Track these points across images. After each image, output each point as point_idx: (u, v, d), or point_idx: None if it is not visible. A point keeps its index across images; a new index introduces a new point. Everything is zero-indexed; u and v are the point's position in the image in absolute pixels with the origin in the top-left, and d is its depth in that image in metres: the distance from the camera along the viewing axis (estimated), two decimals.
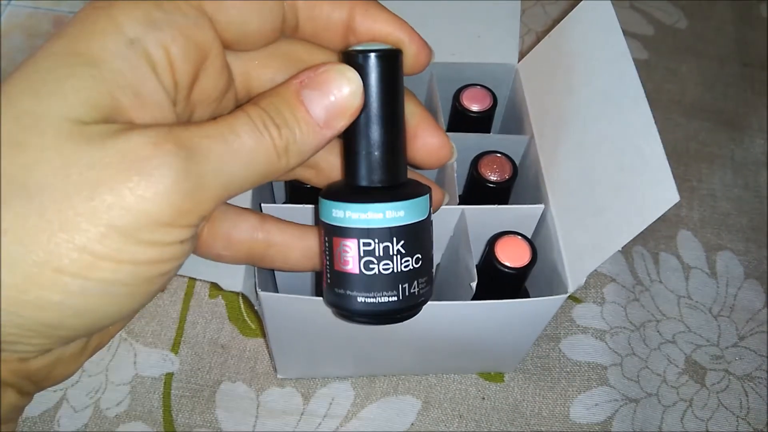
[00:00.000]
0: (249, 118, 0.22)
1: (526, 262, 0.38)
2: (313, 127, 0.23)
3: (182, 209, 0.20)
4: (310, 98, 0.23)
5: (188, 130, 0.21)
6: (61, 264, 0.19)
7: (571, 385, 0.49)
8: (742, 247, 0.57)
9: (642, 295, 0.54)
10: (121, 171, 0.19)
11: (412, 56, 0.27)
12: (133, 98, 0.21)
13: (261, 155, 0.22)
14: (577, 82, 0.40)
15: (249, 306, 0.51)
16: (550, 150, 0.42)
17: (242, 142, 0.22)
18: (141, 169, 0.19)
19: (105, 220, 0.19)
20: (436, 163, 0.30)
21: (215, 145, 0.21)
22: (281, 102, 0.23)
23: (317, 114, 0.23)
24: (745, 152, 0.64)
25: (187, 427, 0.46)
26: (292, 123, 0.23)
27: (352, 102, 0.24)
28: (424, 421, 0.47)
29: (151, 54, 0.21)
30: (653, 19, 0.73)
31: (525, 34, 0.69)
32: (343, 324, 0.39)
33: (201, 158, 0.21)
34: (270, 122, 0.22)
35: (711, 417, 0.49)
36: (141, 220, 0.20)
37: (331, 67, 0.24)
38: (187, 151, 0.20)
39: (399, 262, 0.27)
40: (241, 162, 0.22)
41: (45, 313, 0.20)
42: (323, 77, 0.23)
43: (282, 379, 0.48)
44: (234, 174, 0.22)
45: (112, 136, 0.20)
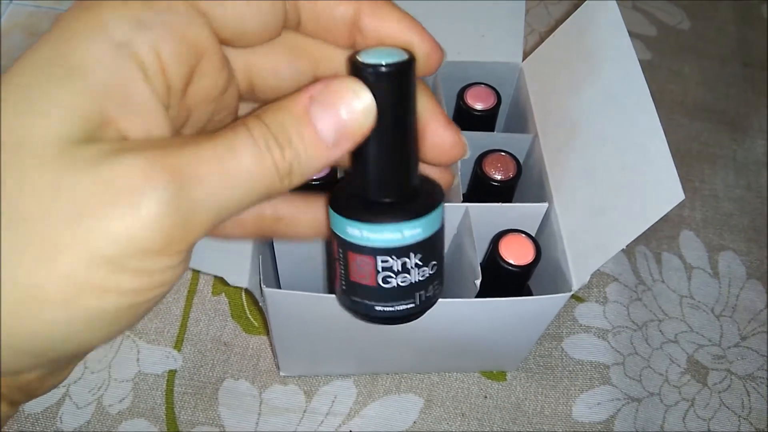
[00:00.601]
0: (250, 136, 0.21)
1: (530, 260, 0.38)
2: (321, 147, 0.22)
3: (171, 238, 0.19)
4: (318, 115, 0.21)
5: (182, 154, 0.19)
6: (47, 294, 0.18)
7: (574, 384, 0.49)
8: (744, 248, 0.57)
9: (644, 294, 0.54)
10: (108, 200, 0.18)
11: (423, 58, 0.25)
12: (122, 107, 0.20)
13: (261, 177, 0.21)
14: (582, 80, 0.40)
15: (252, 303, 0.51)
16: (555, 149, 0.42)
17: (241, 164, 0.20)
18: (128, 199, 0.18)
19: (90, 249, 0.18)
20: (448, 161, 0.28)
21: (211, 170, 0.20)
22: (288, 118, 0.21)
23: (326, 133, 0.22)
24: (747, 153, 0.64)
25: (190, 424, 0.46)
26: (297, 142, 0.21)
27: (364, 122, 0.22)
28: (426, 419, 0.47)
29: (141, 58, 0.20)
30: (656, 19, 0.73)
31: (528, 34, 0.69)
32: (346, 321, 0.39)
33: (194, 186, 0.19)
34: (273, 141, 0.21)
35: (713, 417, 0.49)
36: (127, 250, 0.19)
37: (342, 83, 0.22)
38: (180, 179, 0.19)
39: (417, 274, 0.27)
40: (239, 185, 0.20)
41: (33, 341, 0.19)
42: (334, 93, 0.22)
43: (285, 377, 0.48)
44: (230, 198, 0.21)
45: (99, 162, 0.18)
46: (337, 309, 0.38)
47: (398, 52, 0.23)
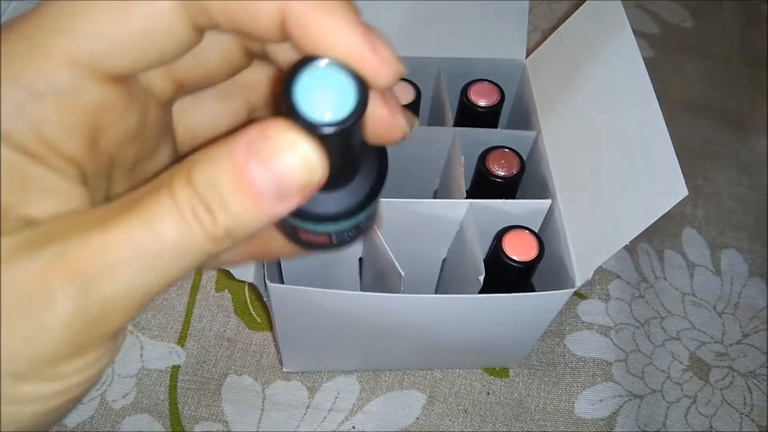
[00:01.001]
0: (173, 204, 0.17)
1: (534, 257, 0.38)
2: (261, 205, 0.18)
3: (83, 341, 0.17)
4: (255, 169, 0.17)
5: (87, 244, 0.17)
6: None
7: (576, 380, 0.49)
8: (746, 246, 0.57)
9: (647, 291, 0.54)
10: (6, 315, 0.16)
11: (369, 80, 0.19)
12: (18, 193, 0.18)
13: (189, 249, 0.18)
14: (586, 77, 0.40)
15: (255, 299, 0.51)
16: (558, 145, 0.42)
17: (163, 241, 0.17)
18: (24, 312, 0.16)
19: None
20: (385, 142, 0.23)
21: (123, 257, 0.17)
22: (220, 175, 0.17)
23: (265, 190, 0.18)
24: (750, 151, 0.64)
25: (193, 419, 0.46)
26: (232, 203, 0.17)
27: (310, 180, 0.18)
28: (429, 415, 0.47)
29: (25, 146, 0.18)
30: (659, 18, 0.73)
31: (531, 32, 0.69)
32: (349, 317, 0.39)
33: (103, 281, 0.17)
34: (202, 208, 0.17)
35: (715, 413, 0.49)
36: (35, 363, 0.17)
37: (282, 137, 0.18)
38: (82, 280, 0.17)
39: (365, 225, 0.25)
40: (161, 264, 0.17)
41: None
42: (273, 148, 0.18)
43: (288, 373, 0.48)
44: (152, 280, 0.18)
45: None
46: (341, 305, 0.38)
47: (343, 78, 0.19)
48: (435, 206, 0.40)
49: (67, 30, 0.18)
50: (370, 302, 0.37)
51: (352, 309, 0.38)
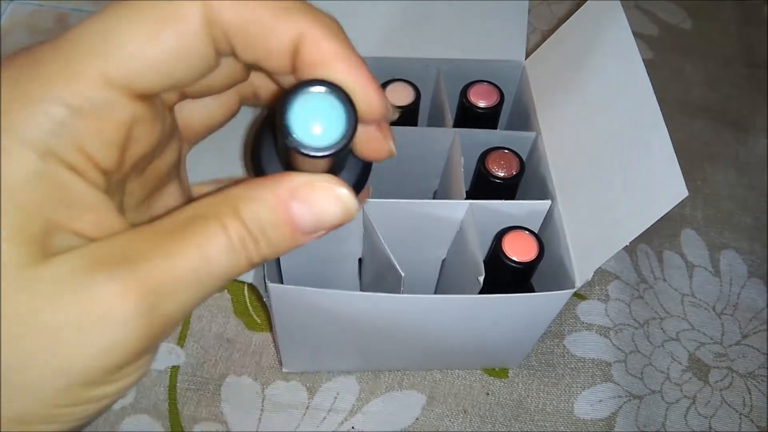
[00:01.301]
0: (226, 237, 0.20)
1: (533, 257, 0.38)
2: (296, 236, 0.22)
3: (144, 349, 0.20)
4: (298, 210, 0.21)
5: (153, 269, 0.19)
6: (31, 418, 0.19)
7: (576, 381, 0.49)
8: (745, 246, 0.57)
9: (646, 292, 0.54)
10: (78, 329, 0.18)
11: (364, 109, 0.22)
12: (65, 210, 0.19)
13: (234, 271, 0.21)
14: (585, 78, 0.40)
15: (255, 300, 0.52)
16: (557, 146, 0.42)
17: (214, 269, 0.20)
18: (99, 328, 0.18)
19: (67, 377, 0.19)
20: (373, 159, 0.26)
21: (185, 284, 0.20)
22: (266, 212, 0.21)
23: (304, 225, 0.21)
24: (749, 152, 0.64)
25: (193, 420, 0.46)
26: (274, 237, 0.21)
27: (343, 220, 0.22)
28: (428, 416, 0.47)
29: (67, 160, 0.19)
30: (658, 19, 0.74)
31: (531, 33, 0.69)
32: (350, 318, 0.39)
33: (166, 303, 0.19)
34: (251, 241, 0.21)
35: (714, 414, 0.49)
36: (102, 371, 0.19)
37: (327, 186, 0.21)
38: (151, 301, 0.19)
39: None
40: (211, 286, 0.20)
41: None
42: (316, 194, 0.21)
43: (287, 373, 0.48)
44: (201, 297, 0.21)
45: (64, 289, 0.18)
46: (341, 305, 0.38)
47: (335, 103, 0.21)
48: (435, 207, 0.40)
49: (101, 52, 0.19)
50: (370, 302, 0.37)
51: (351, 309, 0.38)
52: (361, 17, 0.45)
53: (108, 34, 0.19)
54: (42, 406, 0.19)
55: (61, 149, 0.19)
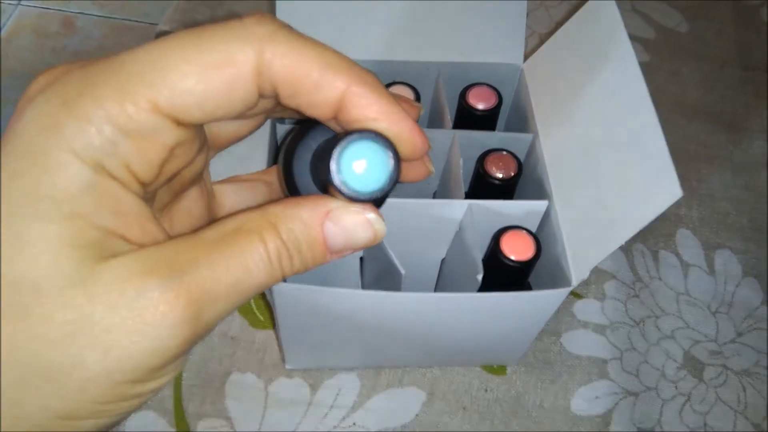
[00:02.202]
0: (265, 252, 0.22)
1: (531, 256, 0.39)
2: (326, 255, 0.24)
3: (185, 350, 0.21)
4: (332, 232, 0.23)
5: (198, 277, 0.21)
6: (75, 414, 0.20)
7: (572, 378, 0.50)
8: (740, 246, 0.58)
9: (642, 291, 0.55)
10: (129, 331, 0.20)
11: (407, 151, 0.25)
12: (115, 219, 0.21)
13: (269, 283, 0.23)
14: (582, 81, 0.41)
15: (258, 298, 0.52)
16: (555, 148, 0.43)
17: (252, 280, 0.22)
18: (148, 331, 0.20)
19: (113, 375, 0.20)
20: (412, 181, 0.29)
21: (223, 291, 0.21)
22: (302, 231, 0.23)
23: (334, 246, 0.24)
24: (745, 154, 0.65)
25: (198, 416, 0.47)
26: (306, 254, 0.23)
27: (373, 243, 0.24)
28: (428, 412, 0.48)
29: (115, 174, 0.20)
30: (654, 22, 0.74)
31: (529, 36, 0.70)
32: (352, 316, 0.40)
33: (209, 310, 0.21)
34: (287, 256, 0.22)
35: (709, 411, 0.50)
36: (147, 370, 0.20)
37: (360, 212, 0.23)
38: (198, 305, 0.20)
39: None
40: (248, 296, 0.22)
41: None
42: (350, 220, 0.23)
43: (290, 370, 0.49)
44: (238, 305, 0.22)
45: (118, 291, 0.20)
46: (343, 303, 0.39)
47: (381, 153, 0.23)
48: (434, 207, 0.41)
49: (154, 82, 0.20)
50: (371, 300, 0.38)
51: (353, 307, 0.39)
52: (362, 20, 0.45)
53: (162, 66, 0.21)
54: (91, 403, 0.20)
55: (109, 164, 0.20)
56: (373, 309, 0.39)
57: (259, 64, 0.22)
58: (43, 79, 0.21)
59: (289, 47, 0.22)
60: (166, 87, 0.21)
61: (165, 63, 0.21)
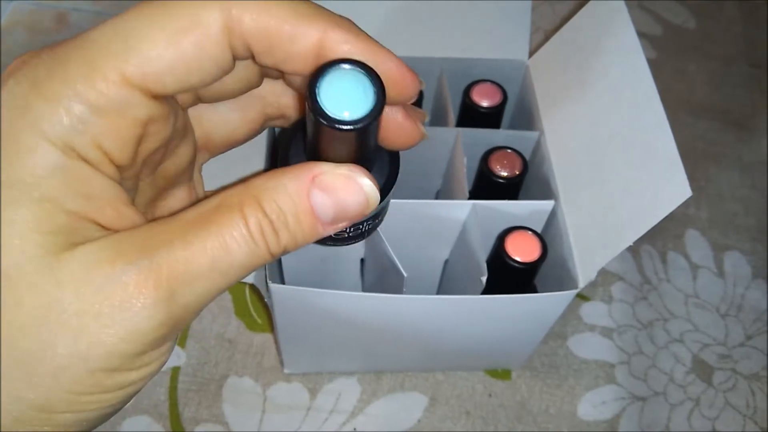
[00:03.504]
0: (244, 225, 0.20)
1: (537, 257, 0.38)
2: (317, 227, 0.22)
3: (164, 336, 0.20)
4: (319, 199, 0.21)
5: (172, 258, 0.19)
6: (52, 405, 0.19)
7: (579, 383, 0.49)
8: (749, 247, 0.57)
9: (650, 293, 0.54)
10: (100, 316, 0.19)
11: (396, 86, 0.23)
12: (87, 203, 0.20)
13: (253, 264, 0.21)
14: (589, 77, 0.40)
15: (256, 300, 0.51)
16: (561, 146, 0.42)
17: (233, 259, 0.20)
18: (120, 315, 0.19)
19: (88, 362, 0.19)
20: (404, 147, 0.26)
21: (201, 270, 0.20)
22: (287, 202, 0.21)
23: (324, 217, 0.21)
24: (753, 153, 0.64)
25: (194, 421, 0.46)
26: (295, 230, 0.21)
27: (365, 212, 0.22)
28: (430, 417, 0.47)
29: (86, 155, 0.20)
30: (661, 18, 0.73)
31: (533, 33, 0.69)
32: (351, 319, 0.39)
33: (184, 292, 0.20)
34: (270, 230, 0.21)
35: (718, 416, 0.49)
36: (123, 356, 0.20)
37: (346, 173, 0.21)
38: (171, 290, 0.19)
39: (367, 224, 0.28)
40: (231, 277, 0.21)
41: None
42: (338, 181, 0.21)
43: (289, 374, 0.48)
44: (221, 287, 0.21)
45: (87, 277, 0.19)
46: (343, 306, 0.38)
47: (363, 81, 0.21)
48: (437, 207, 0.40)
49: (121, 53, 0.20)
50: (372, 303, 0.37)
51: (353, 310, 0.38)
52: (364, 16, 0.44)
53: (129, 36, 0.20)
54: (65, 393, 0.19)
55: (79, 145, 0.19)
56: (374, 312, 0.38)
57: (227, 21, 0.21)
58: (15, 64, 0.20)
59: (257, 2, 0.21)
60: (135, 57, 0.20)
61: (132, 33, 0.20)
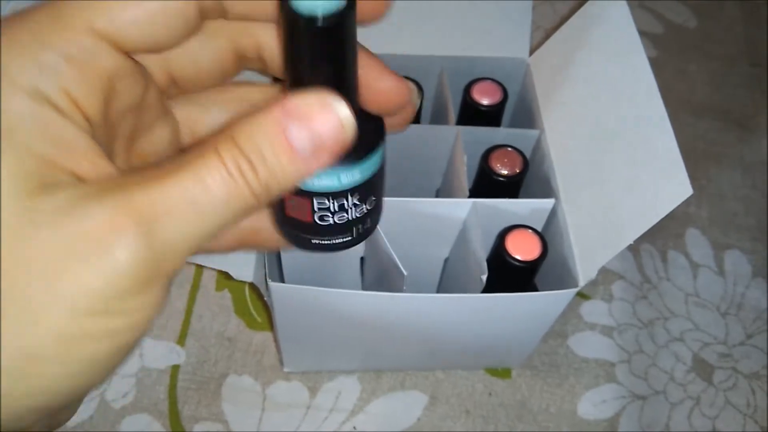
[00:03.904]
0: (220, 161, 0.20)
1: (537, 256, 0.38)
2: (296, 161, 0.21)
3: (148, 277, 0.20)
4: (293, 129, 0.20)
5: (147, 194, 0.19)
6: (38, 353, 0.19)
7: (579, 381, 0.49)
8: (749, 246, 0.57)
9: (650, 292, 0.53)
10: (79, 254, 0.18)
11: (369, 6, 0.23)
12: (59, 150, 0.20)
13: (234, 202, 0.20)
14: (589, 75, 0.40)
15: (256, 299, 0.51)
16: (562, 144, 0.42)
17: (211, 194, 0.20)
18: (99, 251, 0.18)
19: (70, 303, 0.18)
20: (395, 107, 0.27)
21: (179, 207, 0.19)
22: (261, 136, 0.20)
23: (303, 147, 0.21)
24: (754, 152, 0.64)
25: (193, 419, 0.46)
26: (272, 161, 0.20)
27: (343, 137, 0.21)
28: (430, 416, 0.47)
29: (54, 101, 0.20)
30: (662, 18, 0.73)
31: (534, 31, 0.68)
32: (351, 317, 0.39)
33: (163, 225, 0.19)
34: (247, 165, 0.20)
35: (718, 415, 0.48)
36: (107, 297, 0.19)
37: (318, 98, 0.21)
38: (147, 223, 0.19)
39: (354, 211, 0.26)
40: (211, 214, 0.20)
41: (31, 400, 0.20)
42: (310, 108, 0.21)
43: (288, 373, 0.48)
44: (203, 228, 0.20)
45: (63, 214, 0.19)
46: (343, 304, 0.37)
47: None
48: (437, 205, 0.40)
49: (89, 6, 0.20)
50: (372, 301, 0.37)
51: (353, 308, 0.38)
52: None
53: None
54: (51, 338, 0.19)
55: (48, 90, 0.20)
56: (374, 310, 0.38)
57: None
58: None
59: None
60: (101, 10, 0.21)
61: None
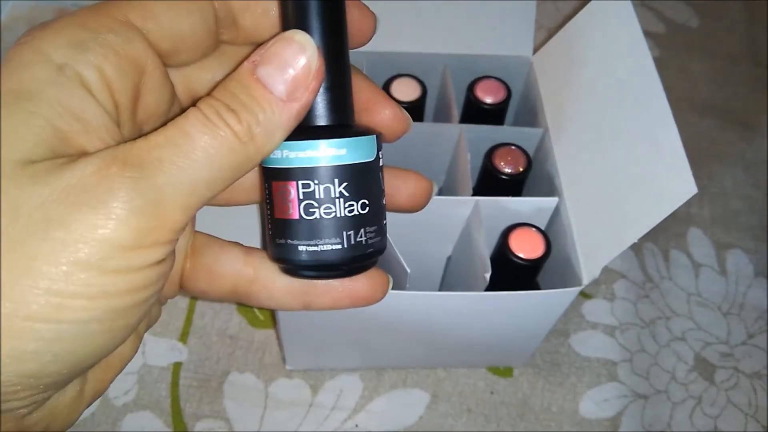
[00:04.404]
0: (200, 112, 0.21)
1: (540, 254, 0.38)
2: (275, 102, 0.22)
3: (145, 229, 0.19)
4: (266, 75, 0.22)
5: (134, 147, 0.20)
6: (30, 311, 0.18)
7: (581, 380, 0.49)
8: (752, 246, 0.57)
9: (652, 292, 0.53)
10: (69, 205, 0.18)
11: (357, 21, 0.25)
12: (75, 124, 0.20)
13: (221, 149, 0.21)
14: (593, 74, 0.40)
15: None
16: (565, 142, 0.42)
17: (195, 141, 0.20)
18: (89, 200, 0.19)
19: (64, 257, 0.18)
20: (396, 135, 0.28)
21: (165, 154, 0.20)
22: (235, 85, 0.22)
23: (278, 89, 0.22)
24: (756, 151, 0.64)
25: (195, 417, 0.46)
26: (251, 104, 0.21)
27: (311, 68, 0.22)
28: (432, 414, 0.47)
29: (84, 77, 0.20)
30: (665, 17, 0.73)
31: (537, 30, 0.68)
32: (353, 315, 0.38)
33: (152, 173, 0.19)
34: (225, 110, 0.21)
35: (720, 414, 0.48)
36: (102, 250, 0.19)
37: (281, 37, 0.22)
38: (135, 169, 0.19)
39: (342, 206, 0.25)
40: (200, 162, 0.20)
41: (23, 365, 0.19)
42: (275, 50, 0.22)
43: (290, 371, 0.47)
44: (196, 178, 0.20)
45: (56, 171, 0.19)
46: None
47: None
48: (441, 203, 0.40)
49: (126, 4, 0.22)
50: None
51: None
52: None
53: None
54: (37, 293, 0.18)
55: (79, 64, 0.20)
56: (377, 308, 0.38)
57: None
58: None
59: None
60: (140, 7, 0.22)
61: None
